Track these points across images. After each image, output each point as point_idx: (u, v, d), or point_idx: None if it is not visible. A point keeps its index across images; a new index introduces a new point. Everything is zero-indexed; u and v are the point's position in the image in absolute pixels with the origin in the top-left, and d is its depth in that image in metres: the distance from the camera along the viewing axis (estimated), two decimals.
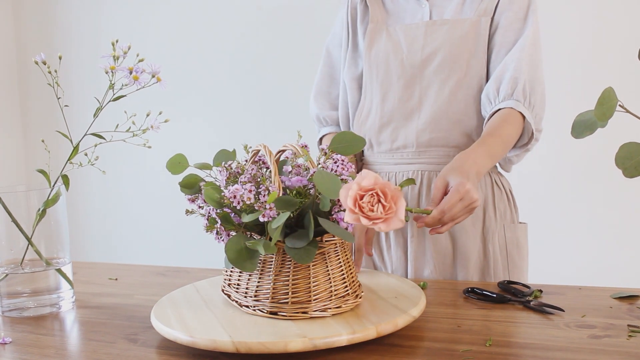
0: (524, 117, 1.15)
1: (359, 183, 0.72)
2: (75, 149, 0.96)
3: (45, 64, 0.91)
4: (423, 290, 0.93)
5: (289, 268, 0.79)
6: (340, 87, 1.34)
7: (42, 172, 0.97)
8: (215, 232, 0.79)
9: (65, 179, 0.97)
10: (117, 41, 0.91)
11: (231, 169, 0.84)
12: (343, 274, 0.82)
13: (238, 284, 0.84)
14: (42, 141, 1.03)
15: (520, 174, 2.04)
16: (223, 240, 0.79)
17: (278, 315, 0.79)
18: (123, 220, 2.72)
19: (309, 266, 0.79)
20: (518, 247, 1.24)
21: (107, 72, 0.90)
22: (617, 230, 1.99)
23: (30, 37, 2.81)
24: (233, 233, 0.80)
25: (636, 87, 1.72)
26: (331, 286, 0.80)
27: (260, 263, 0.81)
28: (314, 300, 0.79)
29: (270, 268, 0.80)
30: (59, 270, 0.98)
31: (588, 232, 2.02)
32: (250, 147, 0.90)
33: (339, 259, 0.82)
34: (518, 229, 1.26)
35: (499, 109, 1.15)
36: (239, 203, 0.75)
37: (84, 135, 0.95)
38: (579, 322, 0.82)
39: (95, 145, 0.94)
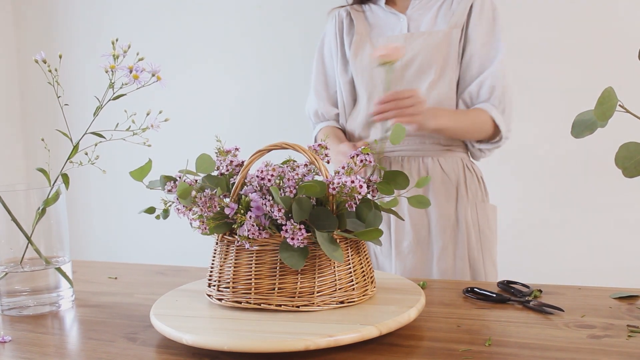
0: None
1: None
2: (75, 147, 0.96)
3: (45, 63, 0.91)
4: (422, 289, 0.94)
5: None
6: (337, 89, 1.54)
7: (42, 170, 0.97)
8: (291, 232, 0.78)
9: (65, 178, 0.97)
10: (117, 40, 0.91)
11: (274, 170, 0.83)
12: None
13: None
14: (42, 140, 1.03)
15: (522, 173, 2.04)
16: (295, 239, 0.78)
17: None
18: (123, 219, 2.72)
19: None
20: (488, 223, 1.45)
21: (107, 71, 0.90)
22: (617, 230, 1.99)
23: (30, 36, 2.80)
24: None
25: (636, 87, 1.72)
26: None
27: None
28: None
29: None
30: (59, 269, 0.98)
31: (588, 232, 2.01)
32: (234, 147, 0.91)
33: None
34: (488, 207, 1.47)
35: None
36: (359, 192, 0.79)
37: (84, 134, 0.95)
38: (578, 322, 0.82)
39: (96, 144, 0.94)
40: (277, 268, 0.80)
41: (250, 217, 0.78)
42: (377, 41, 1.46)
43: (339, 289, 0.81)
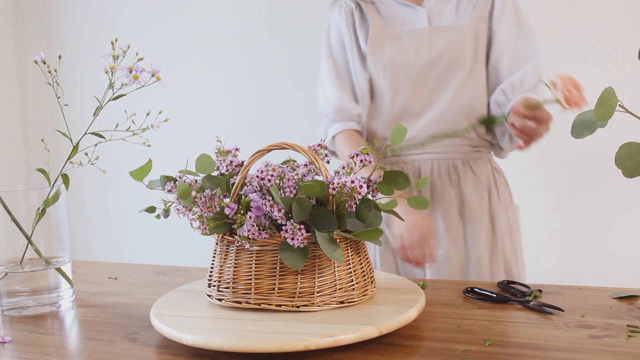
0: None
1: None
2: (75, 148, 0.96)
3: (44, 63, 0.91)
4: (423, 289, 0.93)
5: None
6: (356, 85, 1.41)
7: (41, 171, 0.97)
8: (291, 232, 0.77)
9: (65, 178, 0.97)
10: (116, 40, 0.91)
11: (274, 170, 0.83)
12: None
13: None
14: (42, 140, 1.03)
15: (522, 174, 2.04)
16: (294, 238, 0.77)
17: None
18: (123, 219, 2.72)
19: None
20: (517, 225, 1.42)
21: (106, 72, 0.90)
22: (616, 230, 1.99)
23: (30, 36, 2.80)
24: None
25: (636, 87, 1.72)
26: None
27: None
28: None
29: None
30: (59, 269, 0.98)
31: (587, 232, 2.02)
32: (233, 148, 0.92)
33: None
34: (515, 209, 1.43)
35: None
36: (359, 193, 0.78)
37: (84, 135, 0.95)
38: (578, 322, 0.82)
39: (95, 145, 0.94)
40: (277, 268, 0.80)
41: (250, 217, 0.78)
42: (396, 35, 1.36)
43: (339, 289, 0.81)
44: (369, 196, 0.87)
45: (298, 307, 0.79)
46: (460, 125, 1.34)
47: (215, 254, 0.86)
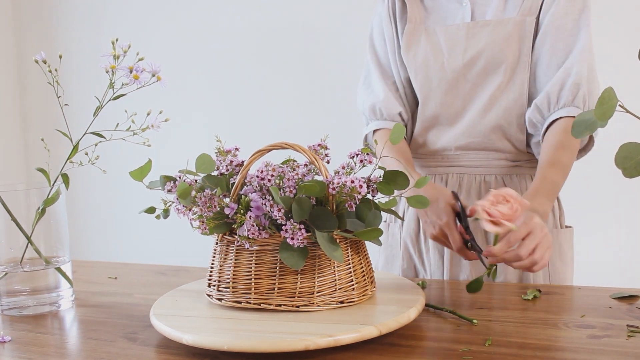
0: None
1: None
2: (75, 147, 0.96)
3: (45, 63, 0.91)
4: (422, 289, 0.94)
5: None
6: (397, 81, 1.27)
7: (41, 170, 0.97)
8: (291, 232, 0.77)
9: (65, 178, 0.97)
10: (117, 40, 0.91)
11: (274, 170, 0.83)
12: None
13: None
14: (42, 140, 1.03)
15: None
16: (294, 238, 0.77)
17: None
18: (123, 219, 2.72)
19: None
20: (560, 253, 1.19)
21: (107, 71, 0.90)
22: (616, 230, 1.99)
23: (30, 37, 2.80)
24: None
25: (636, 87, 1.72)
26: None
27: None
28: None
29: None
30: (59, 269, 0.98)
31: (587, 232, 2.01)
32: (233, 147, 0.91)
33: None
34: (560, 234, 1.20)
35: (559, 117, 1.10)
36: (359, 192, 0.78)
37: (84, 134, 0.95)
38: (578, 322, 0.82)
39: (96, 144, 0.94)
40: (277, 268, 0.80)
41: (250, 217, 0.79)
42: (434, 31, 1.20)
43: (339, 289, 0.81)
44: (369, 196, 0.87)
45: (298, 307, 0.79)
46: (493, 139, 1.18)
47: (215, 253, 0.86)
